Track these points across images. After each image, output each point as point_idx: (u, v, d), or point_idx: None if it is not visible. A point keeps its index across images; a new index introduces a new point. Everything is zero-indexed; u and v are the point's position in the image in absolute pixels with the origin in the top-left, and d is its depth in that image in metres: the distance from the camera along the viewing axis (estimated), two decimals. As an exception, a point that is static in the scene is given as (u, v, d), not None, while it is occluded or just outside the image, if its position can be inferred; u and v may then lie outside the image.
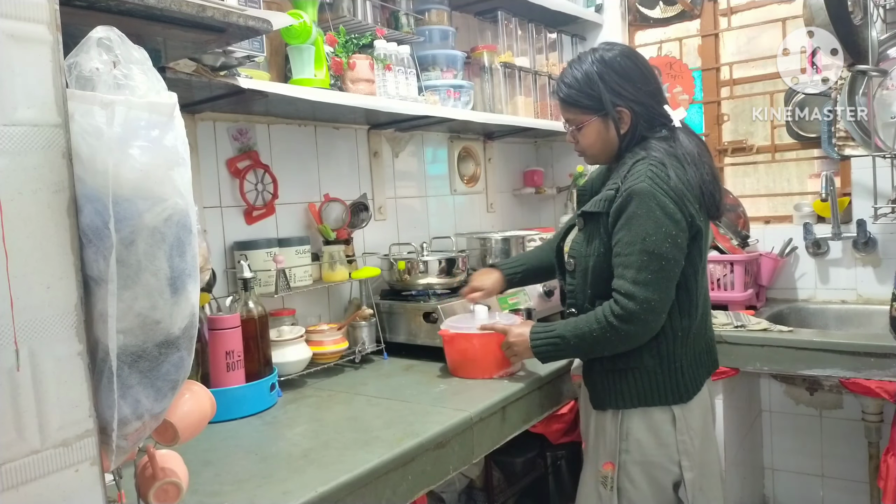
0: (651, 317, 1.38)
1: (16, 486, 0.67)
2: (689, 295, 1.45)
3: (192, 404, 0.91)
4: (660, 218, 1.36)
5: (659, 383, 1.44)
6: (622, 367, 1.45)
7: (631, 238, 1.37)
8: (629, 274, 1.37)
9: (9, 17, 0.67)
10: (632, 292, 1.36)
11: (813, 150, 2.53)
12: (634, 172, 1.41)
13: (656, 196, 1.37)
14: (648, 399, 1.44)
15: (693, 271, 1.44)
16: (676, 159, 1.43)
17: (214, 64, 1.38)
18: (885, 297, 2.22)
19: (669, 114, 1.49)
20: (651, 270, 1.36)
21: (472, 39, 2.47)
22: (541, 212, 3.01)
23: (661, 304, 1.38)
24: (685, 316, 1.45)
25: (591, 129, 1.50)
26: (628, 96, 1.45)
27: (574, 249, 1.54)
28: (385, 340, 1.96)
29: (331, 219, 1.95)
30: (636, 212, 1.37)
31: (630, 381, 1.45)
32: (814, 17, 2.19)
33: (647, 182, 1.38)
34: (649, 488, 1.45)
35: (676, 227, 1.37)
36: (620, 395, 1.46)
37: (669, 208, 1.37)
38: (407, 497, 1.26)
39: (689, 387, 1.46)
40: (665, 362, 1.44)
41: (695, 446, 1.45)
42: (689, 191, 1.41)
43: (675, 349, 1.45)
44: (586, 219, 1.50)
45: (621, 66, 1.46)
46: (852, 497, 2.42)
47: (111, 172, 0.71)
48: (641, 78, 1.47)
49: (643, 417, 1.45)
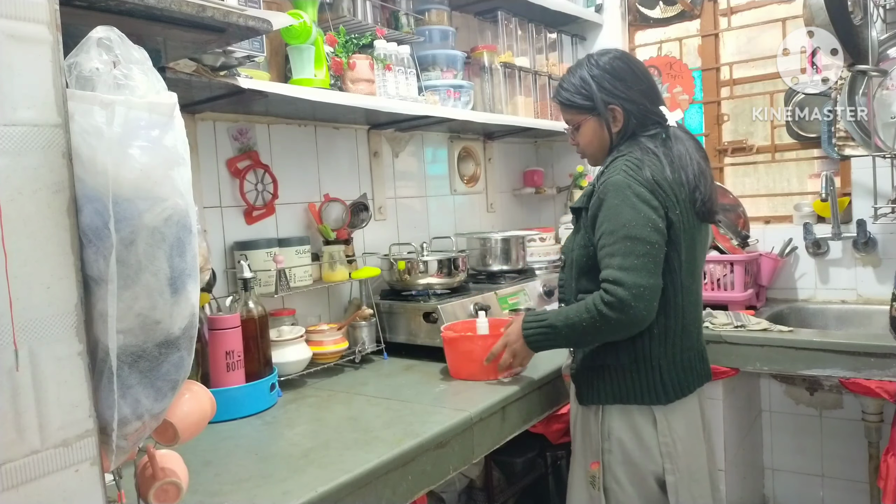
0: (640, 304, 1.36)
1: (16, 486, 0.67)
2: (665, 292, 1.43)
3: (192, 404, 0.91)
4: (637, 204, 1.38)
5: (634, 381, 1.44)
6: (599, 364, 1.47)
7: (612, 227, 1.39)
8: (615, 261, 1.38)
9: (9, 17, 0.67)
10: (619, 278, 1.36)
11: (813, 150, 2.53)
12: (611, 168, 1.46)
13: (631, 185, 1.39)
14: (624, 396, 1.45)
15: (668, 268, 1.43)
16: (655, 156, 1.45)
17: (214, 64, 1.38)
18: (885, 297, 2.21)
19: (664, 114, 1.52)
20: (637, 255, 1.36)
21: (472, 39, 2.47)
22: (541, 212, 3.01)
23: (649, 290, 1.37)
24: (661, 314, 1.43)
25: (587, 128, 1.54)
26: (619, 94, 1.49)
27: (565, 245, 1.61)
28: (385, 340, 1.96)
29: (331, 219, 1.95)
30: (613, 202, 1.40)
31: (607, 377, 1.46)
32: (814, 17, 2.19)
33: (622, 174, 1.41)
34: (634, 489, 1.45)
35: (655, 212, 1.39)
36: (598, 392, 1.48)
37: (645, 196, 1.39)
38: (407, 497, 1.26)
39: (668, 389, 1.45)
40: (640, 361, 1.44)
41: (678, 450, 1.44)
42: (666, 184, 1.42)
43: (651, 348, 1.44)
44: (575, 215, 1.56)
45: (612, 67, 1.51)
46: (852, 497, 2.42)
47: (111, 172, 0.71)
48: (633, 77, 1.51)
49: (623, 417, 1.45)
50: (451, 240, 2.25)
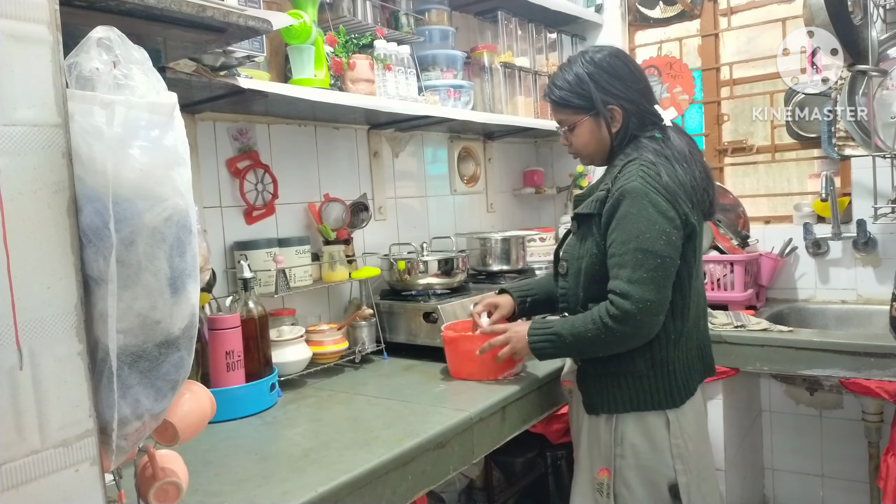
0: (647, 318, 1.35)
1: (16, 486, 0.67)
2: (683, 296, 1.43)
3: (192, 404, 0.91)
4: (653, 216, 1.35)
5: (652, 387, 1.42)
6: (615, 371, 1.44)
7: (625, 237, 1.36)
8: (624, 273, 1.35)
9: (9, 17, 0.67)
10: (627, 291, 1.34)
11: (813, 150, 2.53)
12: (625, 173, 1.41)
13: (648, 194, 1.36)
14: (641, 404, 1.43)
15: (687, 273, 1.43)
16: (667, 159, 1.43)
17: (214, 64, 1.38)
18: (885, 297, 2.21)
19: (660, 113, 1.50)
20: (647, 269, 1.34)
21: (472, 39, 2.47)
22: (541, 212, 3.01)
23: (657, 305, 1.35)
24: (678, 318, 1.43)
25: (584, 128, 1.50)
26: (619, 94, 1.46)
27: (567, 252, 1.54)
28: (385, 340, 1.96)
29: (331, 219, 1.95)
30: (629, 211, 1.36)
31: (623, 385, 1.43)
32: (814, 17, 2.19)
33: (639, 181, 1.37)
34: (645, 493, 1.44)
35: (670, 224, 1.36)
36: (613, 400, 1.45)
37: (662, 206, 1.36)
38: (407, 497, 1.26)
39: (682, 391, 1.45)
40: (658, 366, 1.43)
41: (689, 450, 1.44)
42: (681, 189, 1.40)
43: (668, 353, 1.43)
44: (580, 221, 1.51)
45: (610, 66, 1.47)
46: (852, 497, 2.42)
47: (111, 172, 0.71)
48: (631, 77, 1.48)
49: (637, 422, 1.44)
50: (451, 240, 2.25)
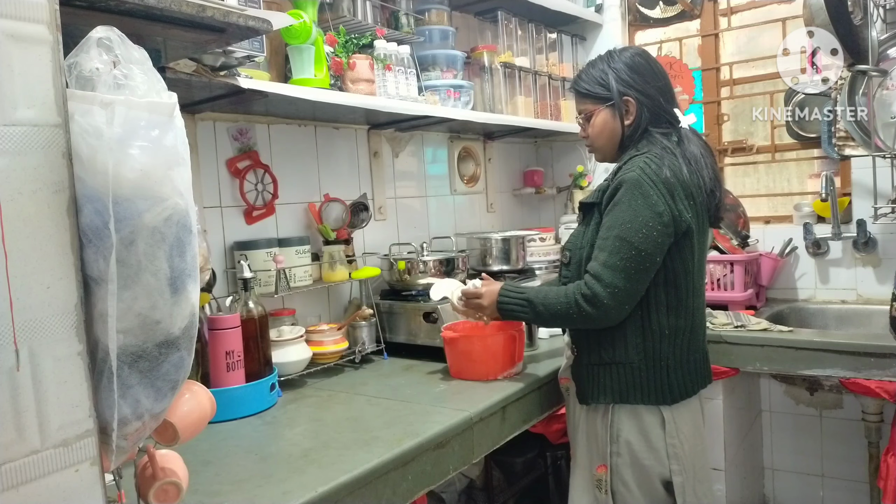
0: (613, 303, 1.38)
1: (16, 486, 0.67)
2: (678, 293, 1.45)
3: (192, 404, 0.91)
4: (639, 208, 1.38)
5: (643, 380, 1.44)
6: (608, 361, 1.46)
7: (610, 223, 1.41)
8: (602, 256, 1.41)
9: (9, 17, 0.67)
10: (600, 274, 1.39)
11: (813, 150, 2.53)
12: (629, 164, 1.45)
13: (642, 186, 1.39)
14: (632, 396, 1.44)
15: (684, 270, 1.44)
16: (674, 156, 1.45)
17: (214, 64, 1.38)
18: (885, 297, 2.21)
19: (678, 115, 1.53)
20: (621, 257, 1.38)
21: (472, 39, 2.47)
22: (541, 212, 3.01)
23: (625, 293, 1.39)
24: (672, 314, 1.45)
25: (600, 119, 1.54)
26: (635, 86, 1.50)
27: (571, 242, 1.58)
28: (385, 340, 1.96)
29: (331, 219, 1.95)
30: (621, 199, 1.41)
31: (614, 375, 1.46)
32: (814, 17, 2.19)
33: (638, 171, 1.41)
34: (641, 491, 1.45)
35: (657, 219, 1.38)
36: (604, 390, 1.47)
37: (653, 199, 1.38)
38: (407, 497, 1.26)
39: (675, 389, 1.45)
40: (651, 360, 1.44)
41: (685, 451, 1.45)
42: (682, 187, 1.42)
43: (661, 347, 1.44)
44: (584, 211, 1.55)
45: (632, 62, 1.52)
46: (852, 497, 2.42)
47: (111, 172, 0.71)
48: (651, 74, 1.52)
49: (632, 419, 1.45)
50: (451, 240, 2.25)
